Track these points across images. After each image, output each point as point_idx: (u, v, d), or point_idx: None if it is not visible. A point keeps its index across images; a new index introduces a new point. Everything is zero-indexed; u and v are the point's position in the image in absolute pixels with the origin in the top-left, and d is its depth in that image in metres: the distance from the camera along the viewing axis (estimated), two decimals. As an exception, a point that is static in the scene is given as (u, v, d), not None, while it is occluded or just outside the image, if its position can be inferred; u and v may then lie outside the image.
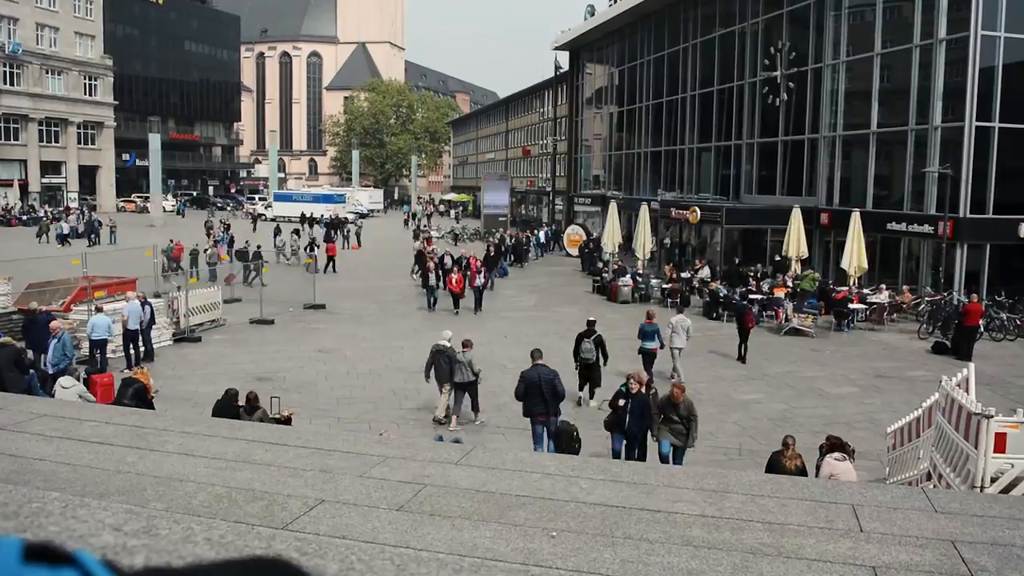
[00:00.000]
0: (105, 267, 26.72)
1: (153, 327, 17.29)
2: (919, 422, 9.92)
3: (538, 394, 11.25)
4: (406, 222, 62.96)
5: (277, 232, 39.63)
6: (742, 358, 17.98)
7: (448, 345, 13.26)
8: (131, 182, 73.61)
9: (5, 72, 58.17)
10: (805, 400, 14.94)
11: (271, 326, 20.92)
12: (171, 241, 30.92)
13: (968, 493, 6.71)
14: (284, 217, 59.57)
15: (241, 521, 3.38)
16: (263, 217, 61.34)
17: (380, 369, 16.64)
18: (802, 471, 8.50)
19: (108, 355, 16.43)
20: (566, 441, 10.18)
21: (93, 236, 41.95)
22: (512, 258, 37.80)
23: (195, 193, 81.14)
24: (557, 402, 11.23)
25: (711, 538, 3.42)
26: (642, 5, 40.46)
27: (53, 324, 14.12)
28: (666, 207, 34.55)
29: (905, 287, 24.30)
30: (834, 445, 8.69)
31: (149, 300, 17.50)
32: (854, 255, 23.82)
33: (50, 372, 12.42)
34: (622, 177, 46.57)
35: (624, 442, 10.87)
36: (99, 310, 16.14)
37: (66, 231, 42.08)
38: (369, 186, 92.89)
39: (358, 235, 45.14)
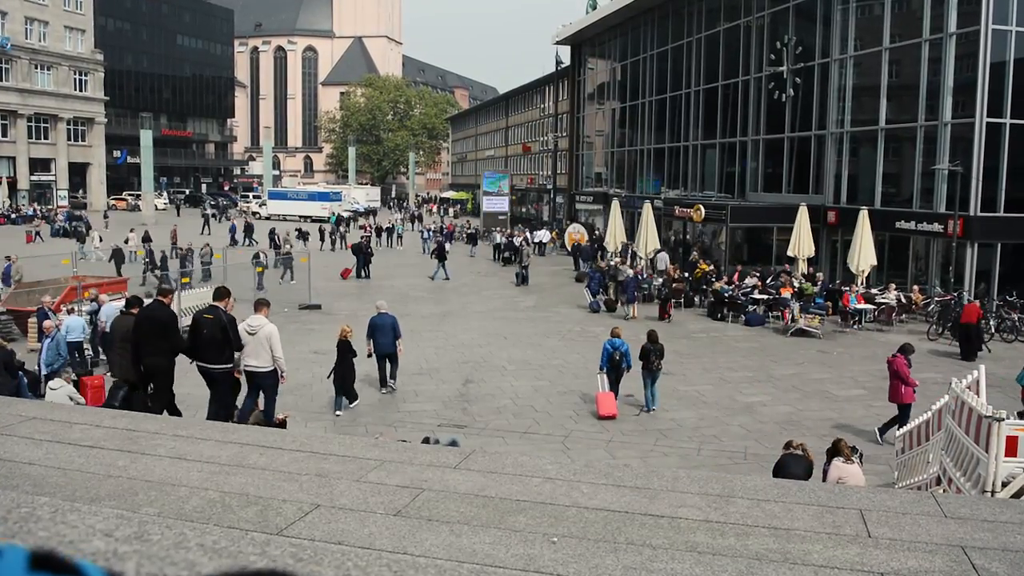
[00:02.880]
0: (94, 266, 26.77)
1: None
2: (928, 425, 9.92)
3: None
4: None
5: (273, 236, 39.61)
6: None
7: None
8: (122, 179, 73.64)
9: (-7, 67, 58.26)
10: (812, 403, 14.94)
11: (265, 327, 20.89)
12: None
13: (979, 498, 6.70)
14: (279, 215, 59.65)
15: (235, 527, 3.38)
16: (257, 216, 61.35)
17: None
18: (810, 470, 8.50)
19: (100, 357, 16.43)
20: None
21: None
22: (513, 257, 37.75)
23: (188, 191, 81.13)
24: None
25: (715, 544, 3.42)
26: (645, -2, 40.50)
27: (47, 323, 14.15)
28: (670, 205, 34.57)
29: (915, 287, 24.30)
30: (838, 449, 8.68)
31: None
32: (861, 254, 23.84)
33: (44, 372, 12.41)
34: (624, 174, 46.59)
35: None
36: (71, 312, 16.15)
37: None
38: (366, 184, 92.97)
39: (344, 236, 44.78)
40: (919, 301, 23.46)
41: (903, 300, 23.19)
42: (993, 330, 21.01)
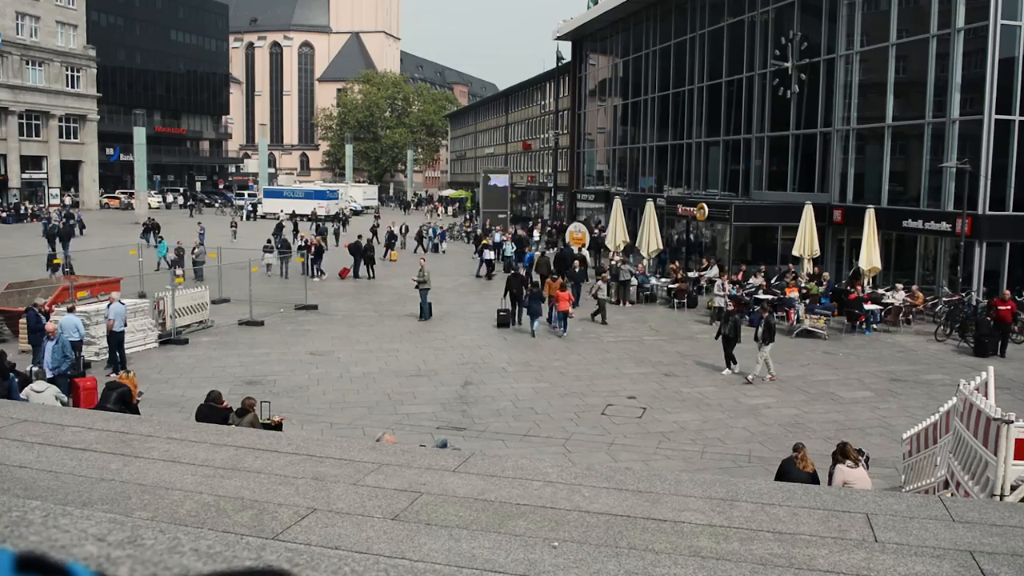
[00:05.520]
0: (89, 267, 26.77)
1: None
2: (936, 428, 9.92)
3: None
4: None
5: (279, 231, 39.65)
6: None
7: None
8: (115, 178, 73.64)
9: (-16, 63, 58.24)
10: (817, 405, 14.94)
11: (261, 328, 20.92)
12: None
13: (987, 501, 6.71)
14: (274, 214, 59.69)
15: (229, 531, 3.38)
16: (252, 216, 61.36)
17: (375, 372, 16.64)
18: (814, 477, 8.50)
19: (91, 357, 16.43)
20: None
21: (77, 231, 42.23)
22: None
23: (183, 189, 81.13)
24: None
25: (719, 548, 3.42)
26: (647, -7, 40.47)
27: (49, 326, 14.16)
28: (673, 203, 34.58)
29: (914, 287, 24.28)
30: (845, 452, 8.67)
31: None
32: (872, 254, 23.92)
33: (48, 376, 12.39)
34: (626, 172, 46.60)
35: None
36: (70, 310, 16.11)
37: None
38: (363, 181, 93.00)
39: (336, 234, 44.58)
40: (921, 302, 23.42)
41: (907, 300, 23.18)
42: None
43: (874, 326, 22.24)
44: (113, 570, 2.16)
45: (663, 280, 27.83)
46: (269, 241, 33.33)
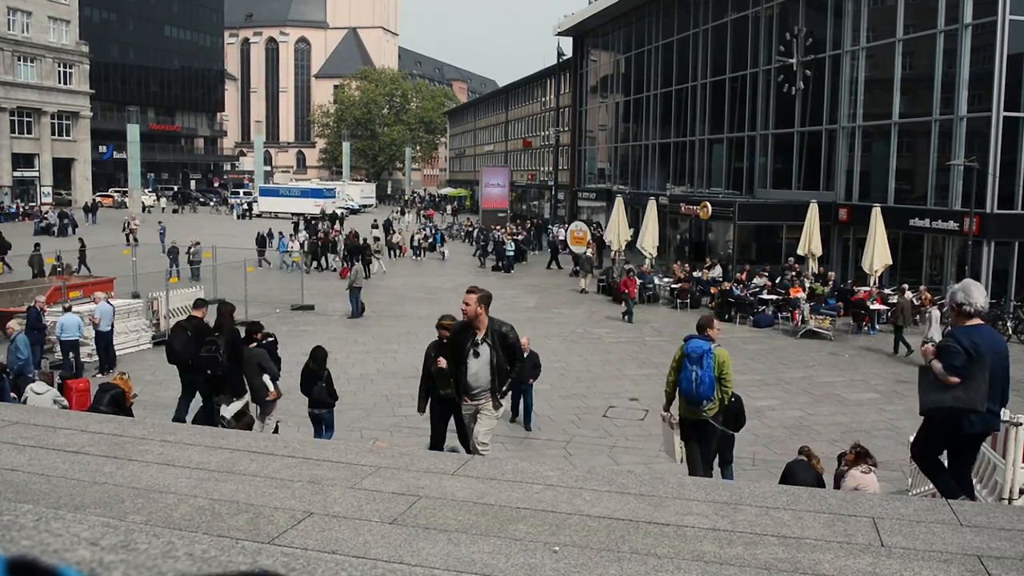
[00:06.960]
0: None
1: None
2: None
3: None
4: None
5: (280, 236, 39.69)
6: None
7: None
8: (108, 175, 73.62)
9: (-25, 59, 58.18)
10: (823, 407, 14.94)
11: (257, 328, 20.90)
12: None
13: (996, 505, 6.71)
14: (271, 213, 59.74)
15: (225, 535, 3.38)
16: (247, 214, 61.37)
17: (372, 374, 16.64)
18: (820, 480, 8.49)
19: (84, 359, 16.42)
20: None
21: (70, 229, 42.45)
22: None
23: (177, 187, 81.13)
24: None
25: (723, 553, 3.42)
26: (650, -12, 40.45)
27: (9, 324, 14.08)
28: (675, 202, 34.58)
29: (922, 287, 24.26)
30: (859, 455, 8.65)
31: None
32: (875, 253, 23.84)
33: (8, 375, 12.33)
34: (628, 170, 46.59)
35: None
36: (67, 309, 16.11)
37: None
38: (361, 180, 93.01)
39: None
40: (928, 302, 23.40)
41: (915, 302, 23.17)
42: (1011, 332, 21.01)
43: (878, 326, 22.24)
44: (106, 575, 2.17)
45: (666, 280, 27.82)
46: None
